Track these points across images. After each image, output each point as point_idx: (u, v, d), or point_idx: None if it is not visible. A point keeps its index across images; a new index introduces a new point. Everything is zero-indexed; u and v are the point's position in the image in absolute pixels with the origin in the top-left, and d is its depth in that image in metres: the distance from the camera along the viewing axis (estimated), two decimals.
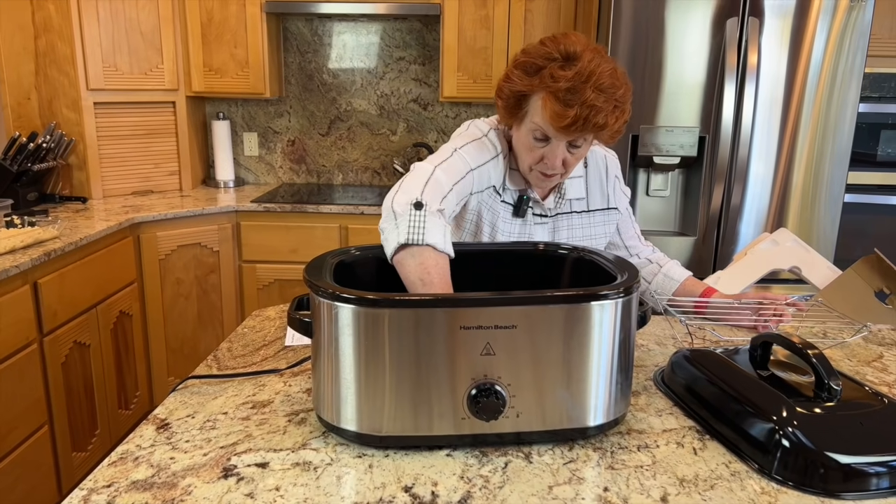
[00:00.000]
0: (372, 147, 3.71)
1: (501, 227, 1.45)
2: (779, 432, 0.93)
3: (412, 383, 0.95)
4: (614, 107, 1.26)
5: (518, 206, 1.45)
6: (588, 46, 1.28)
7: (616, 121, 1.28)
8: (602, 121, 1.25)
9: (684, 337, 1.44)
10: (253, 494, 0.88)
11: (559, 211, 1.49)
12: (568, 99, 1.23)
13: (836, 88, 2.61)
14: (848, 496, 0.89)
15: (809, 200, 2.71)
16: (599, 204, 1.54)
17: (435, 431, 0.97)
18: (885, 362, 1.34)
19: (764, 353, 1.13)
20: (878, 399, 1.01)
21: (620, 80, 1.28)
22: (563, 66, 1.24)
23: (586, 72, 1.23)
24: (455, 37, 3.22)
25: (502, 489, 0.90)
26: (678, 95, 2.64)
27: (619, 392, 1.02)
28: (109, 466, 0.94)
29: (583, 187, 1.51)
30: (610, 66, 1.27)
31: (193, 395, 1.16)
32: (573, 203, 1.50)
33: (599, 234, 1.54)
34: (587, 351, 0.97)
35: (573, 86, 1.23)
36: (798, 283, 2.48)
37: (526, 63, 1.29)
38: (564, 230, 1.50)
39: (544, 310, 0.95)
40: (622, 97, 1.28)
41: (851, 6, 2.53)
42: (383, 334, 0.94)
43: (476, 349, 0.95)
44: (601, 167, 1.53)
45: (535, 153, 1.34)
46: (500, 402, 0.96)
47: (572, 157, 1.34)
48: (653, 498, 0.88)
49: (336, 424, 0.99)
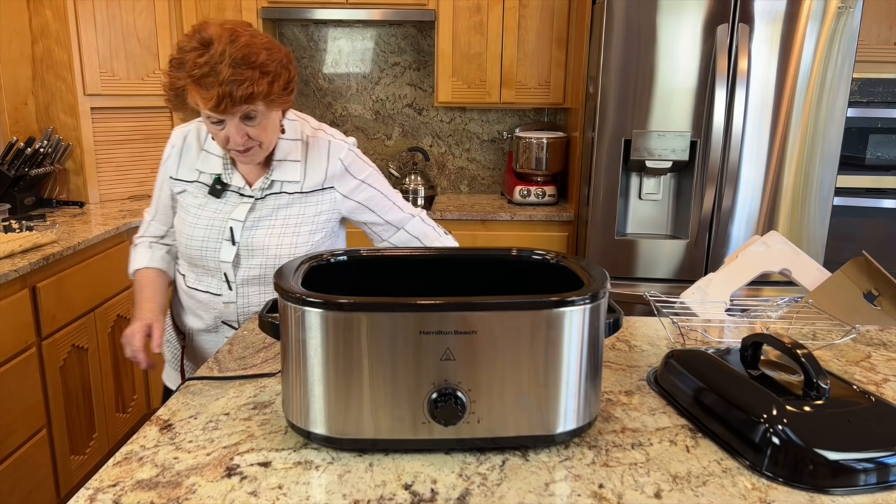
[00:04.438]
0: (367, 151, 3.73)
1: (200, 206, 1.54)
2: (769, 430, 0.96)
3: (373, 387, 0.95)
4: (260, 75, 1.33)
5: (213, 186, 1.53)
6: (225, 29, 1.34)
7: (271, 86, 1.35)
8: (248, 90, 1.31)
9: (677, 338, 1.47)
10: (256, 493, 0.90)
11: (269, 192, 1.54)
12: (207, 82, 1.31)
13: (825, 93, 2.65)
14: (836, 492, 0.91)
15: (799, 204, 2.74)
16: (315, 185, 1.56)
17: (395, 435, 0.97)
18: (873, 362, 1.37)
19: (754, 354, 1.15)
20: (865, 397, 1.04)
21: (258, 48, 1.34)
22: (201, 54, 1.31)
23: (219, 53, 1.31)
24: (449, 42, 3.24)
25: (500, 486, 0.92)
26: (670, 100, 2.67)
27: (585, 399, 1.01)
28: (115, 466, 0.96)
29: (299, 171, 1.55)
30: (246, 39, 1.33)
31: (195, 397, 1.18)
32: (284, 185, 1.54)
33: (311, 213, 1.56)
34: (549, 358, 0.97)
35: (209, 69, 1.30)
36: (788, 285, 2.52)
37: (174, 60, 1.36)
38: (268, 209, 1.54)
39: (502, 316, 0.94)
40: (266, 62, 1.34)
41: (840, 12, 2.57)
42: (343, 338, 0.94)
43: (436, 354, 0.94)
44: (323, 152, 1.57)
45: (220, 136, 1.41)
46: (458, 408, 0.95)
47: (255, 129, 1.40)
48: (647, 494, 0.90)
49: (303, 427, 1.00)
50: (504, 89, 3.29)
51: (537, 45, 3.24)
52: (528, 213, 3.15)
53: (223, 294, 1.57)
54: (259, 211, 1.54)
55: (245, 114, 1.37)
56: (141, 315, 1.53)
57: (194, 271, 1.59)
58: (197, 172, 1.55)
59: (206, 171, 1.54)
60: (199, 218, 1.53)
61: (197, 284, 1.59)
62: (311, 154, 1.56)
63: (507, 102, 3.32)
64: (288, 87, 1.41)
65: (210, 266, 1.55)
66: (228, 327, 1.61)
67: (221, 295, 1.57)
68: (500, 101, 3.32)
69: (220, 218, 1.53)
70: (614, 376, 1.27)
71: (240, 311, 1.58)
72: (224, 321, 1.60)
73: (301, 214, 1.56)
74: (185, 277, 1.62)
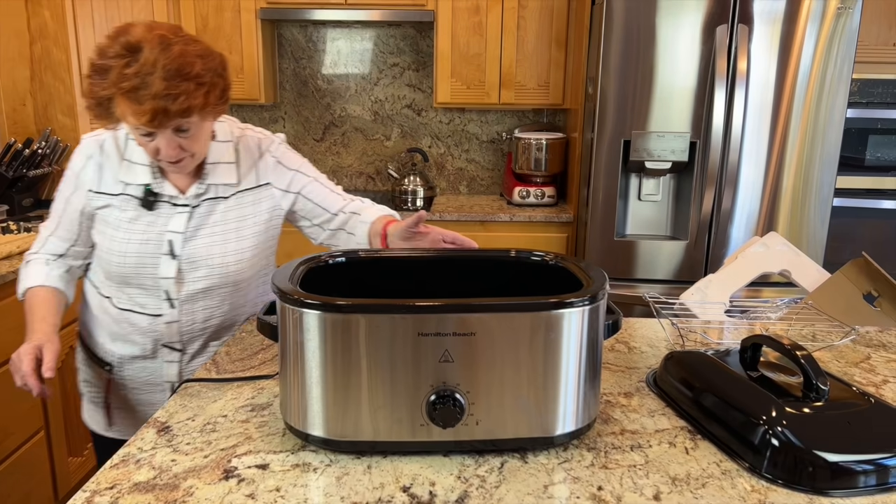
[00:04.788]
0: (366, 152, 3.73)
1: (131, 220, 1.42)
2: (768, 432, 0.96)
3: (372, 389, 0.95)
4: (196, 86, 1.24)
5: (144, 198, 1.41)
6: (153, 32, 1.23)
7: (207, 98, 1.27)
8: (184, 105, 1.22)
9: (676, 339, 1.47)
10: (254, 495, 0.89)
11: (205, 198, 1.44)
12: (139, 96, 1.21)
13: (824, 94, 2.65)
14: (836, 494, 0.91)
15: (799, 204, 2.74)
16: (251, 183, 1.49)
17: (394, 437, 0.97)
18: (873, 363, 1.37)
19: (754, 355, 1.15)
20: (864, 399, 1.04)
21: (192, 58, 1.24)
22: (128, 63, 1.21)
23: (150, 63, 1.20)
24: (448, 43, 3.24)
25: (498, 489, 0.91)
26: (669, 101, 2.67)
27: (584, 401, 1.00)
28: (112, 469, 0.96)
29: (234, 173, 1.46)
30: (179, 48, 1.23)
31: (193, 399, 1.18)
32: (220, 189, 1.45)
33: (252, 214, 1.49)
34: (547, 360, 0.96)
35: (140, 81, 1.20)
36: (788, 286, 2.51)
37: (97, 66, 1.25)
38: (206, 216, 1.44)
39: (501, 317, 0.94)
40: (201, 73, 1.25)
41: (839, 13, 2.57)
42: (341, 340, 0.94)
43: (434, 356, 0.94)
44: (254, 150, 1.50)
45: (150, 147, 1.32)
46: (457, 410, 0.95)
47: (188, 140, 1.32)
48: (646, 496, 0.90)
49: (302, 430, 0.99)
50: (503, 90, 3.29)
51: (536, 46, 3.24)
52: (527, 214, 3.14)
53: (164, 314, 1.45)
54: (197, 219, 1.44)
55: (178, 126, 1.28)
56: (33, 337, 1.38)
57: (126, 292, 1.46)
58: (122, 184, 1.42)
59: (132, 182, 1.41)
60: (132, 233, 1.41)
61: (130, 306, 1.47)
62: (242, 154, 1.49)
63: (507, 103, 3.32)
64: (223, 97, 1.33)
65: (147, 285, 1.43)
66: (170, 350, 1.50)
67: (162, 315, 1.46)
68: (500, 102, 3.32)
69: (155, 231, 1.41)
70: (613, 378, 1.27)
71: (183, 330, 1.48)
72: (165, 344, 1.49)
73: (242, 217, 1.48)
74: (112, 299, 1.49)
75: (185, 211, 1.43)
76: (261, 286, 1.58)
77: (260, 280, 1.57)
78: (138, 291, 1.45)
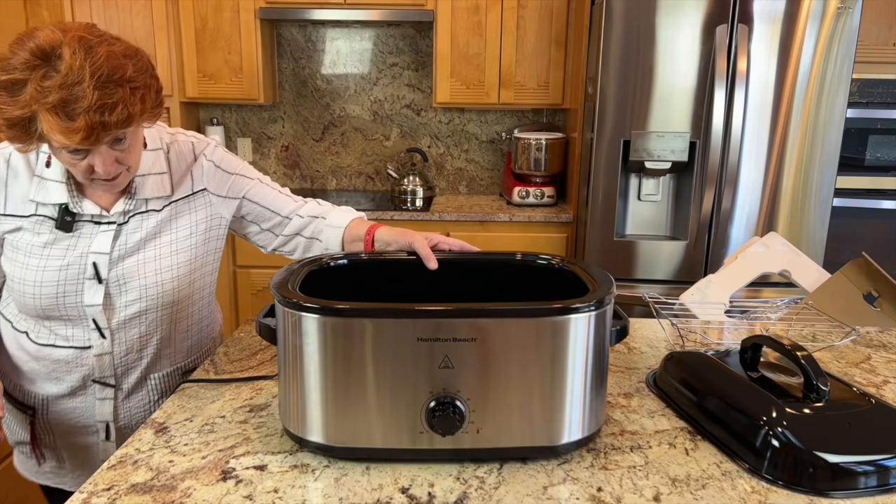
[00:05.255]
0: (366, 152, 3.73)
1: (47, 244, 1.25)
2: (769, 432, 0.95)
3: (370, 395, 0.94)
4: (131, 92, 1.10)
5: (61, 219, 1.24)
6: (68, 33, 1.08)
7: (144, 103, 1.13)
8: (123, 114, 1.08)
9: (676, 339, 1.46)
10: (252, 496, 0.89)
11: (134, 213, 1.28)
12: (70, 111, 1.05)
13: (824, 94, 2.64)
14: (836, 495, 0.91)
15: (799, 205, 2.74)
16: (185, 191, 1.34)
17: (392, 445, 0.96)
18: (873, 364, 1.36)
19: (754, 355, 1.15)
20: (865, 399, 1.03)
21: (121, 58, 1.10)
22: (47, 74, 1.05)
23: (75, 70, 1.05)
24: (448, 43, 3.24)
25: (497, 490, 0.91)
26: (669, 101, 2.67)
27: (590, 409, 0.98)
28: (109, 470, 0.95)
29: (168, 184, 1.31)
30: (104, 50, 1.09)
31: (191, 399, 1.17)
32: (151, 202, 1.30)
33: (187, 224, 1.34)
34: (551, 367, 0.94)
35: (67, 93, 1.05)
36: (788, 287, 2.51)
37: (7, 81, 1.07)
38: (135, 232, 1.28)
39: (502, 323, 0.92)
40: (135, 76, 1.11)
41: (839, 13, 2.57)
42: (339, 344, 0.93)
43: (434, 362, 0.92)
44: (188, 155, 1.36)
45: (81, 167, 1.15)
46: (457, 417, 0.93)
47: (124, 153, 1.17)
48: (646, 497, 0.90)
49: (299, 435, 0.98)
50: (503, 90, 3.29)
51: (536, 46, 3.24)
52: (526, 215, 3.14)
53: (94, 345, 1.29)
54: (125, 237, 1.27)
55: (115, 137, 1.12)
56: None
57: (45, 325, 1.29)
58: (33, 205, 1.24)
59: (45, 201, 1.24)
60: (48, 259, 1.24)
61: (51, 340, 1.30)
62: (175, 162, 1.34)
63: (506, 103, 3.32)
64: (158, 99, 1.19)
65: (70, 315, 1.26)
66: (102, 386, 1.32)
67: (91, 347, 1.29)
68: (499, 102, 3.31)
69: (76, 255, 1.24)
70: (613, 378, 1.27)
71: (117, 362, 1.31)
72: (96, 379, 1.32)
73: (176, 229, 1.32)
74: (30, 334, 1.31)
75: (109, 229, 1.26)
76: (204, 307, 1.44)
77: (203, 300, 1.42)
78: (60, 324, 1.28)
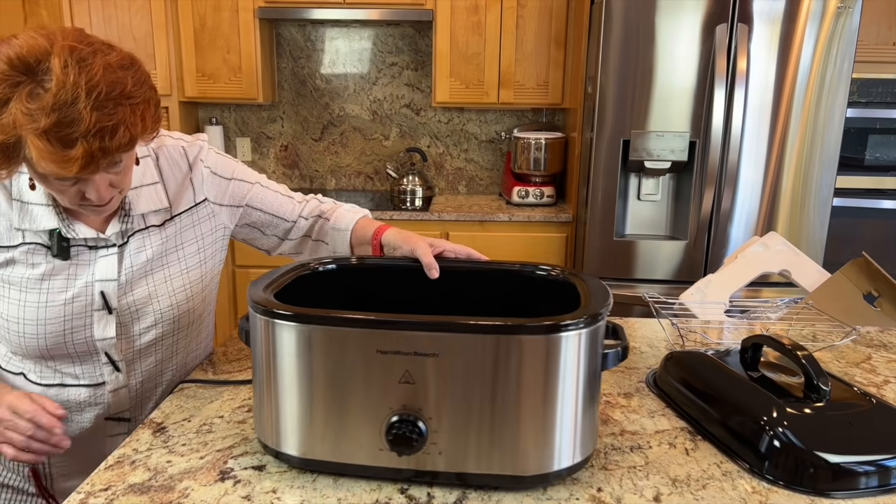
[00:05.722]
0: (365, 152, 3.72)
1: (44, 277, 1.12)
2: (769, 432, 0.95)
3: (331, 407, 0.89)
4: (132, 109, 0.96)
5: (59, 245, 1.11)
6: (57, 42, 0.92)
7: (145, 121, 0.99)
8: (126, 137, 0.95)
9: (676, 339, 1.46)
10: (250, 497, 0.88)
11: (133, 231, 1.16)
12: (63, 136, 0.90)
13: (824, 93, 2.64)
14: (837, 495, 0.90)
15: (799, 204, 2.74)
16: (187, 203, 1.23)
17: (355, 461, 0.90)
18: (874, 364, 1.36)
19: (754, 355, 1.14)
20: (866, 399, 1.03)
21: (118, 70, 0.96)
22: (33, 92, 0.89)
23: (69, 88, 0.90)
24: (447, 42, 3.23)
25: (497, 491, 0.90)
26: (669, 101, 2.66)
27: (570, 439, 0.89)
28: (106, 470, 0.95)
29: (163, 195, 1.19)
30: (100, 61, 0.93)
31: (189, 399, 1.17)
32: (149, 217, 1.18)
33: (192, 238, 1.23)
34: (522, 389, 0.85)
35: (62, 117, 0.89)
36: (788, 287, 2.51)
37: None
38: (140, 252, 1.17)
39: (465, 339, 0.84)
40: (134, 90, 0.97)
41: (839, 12, 2.57)
42: (295, 351, 0.89)
43: (394, 376, 0.86)
44: (181, 162, 1.23)
45: (71, 192, 1.01)
46: (414, 437, 0.86)
47: (119, 175, 1.04)
48: (646, 498, 0.89)
49: (261, 439, 0.96)
50: (502, 89, 3.28)
51: (535, 46, 3.24)
52: (526, 214, 3.14)
53: (108, 381, 1.19)
54: (130, 259, 1.16)
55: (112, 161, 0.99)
56: None
57: (49, 365, 1.17)
58: (20, 233, 1.10)
59: (34, 228, 1.10)
60: (49, 293, 1.11)
61: (58, 379, 1.18)
62: (167, 169, 1.21)
63: (506, 103, 3.31)
64: (157, 113, 1.03)
65: (80, 351, 1.15)
66: (116, 422, 1.22)
67: (105, 383, 1.19)
68: (499, 102, 3.31)
69: (81, 285, 1.12)
70: (613, 378, 1.26)
71: (134, 394, 1.22)
72: (110, 416, 1.21)
73: (182, 245, 1.22)
74: (29, 374, 1.18)
75: (111, 253, 1.14)
76: (211, 322, 1.37)
77: (211, 314, 1.35)
78: (66, 362, 1.16)
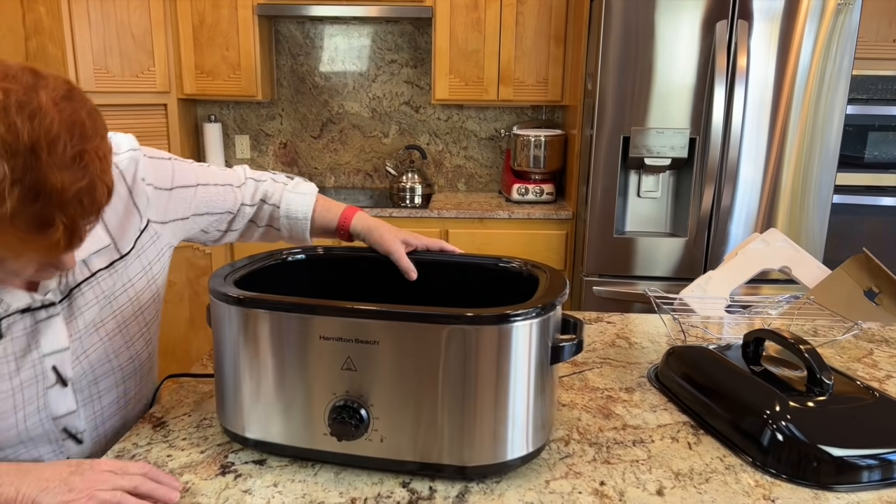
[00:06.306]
0: (364, 149, 3.72)
1: None
2: (772, 426, 0.95)
3: (279, 390, 0.91)
4: (99, 159, 0.80)
5: None
6: None
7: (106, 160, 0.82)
8: (102, 196, 0.81)
9: (677, 334, 1.46)
10: (251, 491, 0.88)
11: (78, 281, 0.98)
12: (39, 216, 0.75)
13: (824, 90, 2.64)
14: (840, 488, 0.90)
15: (798, 201, 2.73)
16: (135, 232, 1.06)
17: (302, 444, 0.92)
18: (875, 359, 1.36)
19: (756, 349, 1.14)
20: (869, 393, 1.03)
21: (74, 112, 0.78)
22: None
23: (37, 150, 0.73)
24: (447, 39, 3.23)
25: (500, 484, 0.90)
26: (668, 98, 2.66)
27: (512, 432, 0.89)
28: None
29: (101, 232, 1.01)
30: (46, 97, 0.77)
31: (189, 394, 1.16)
32: (91, 261, 1.00)
33: (139, 272, 1.07)
34: (463, 379, 0.86)
35: (31, 190, 0.73)
36: (788, 283, 2.50)
37: None
38: (88, 306, 1.00)
39: (405, 327, 0.85)
40: (101, 145, 0.81)
41: (839, 9, 2.56)
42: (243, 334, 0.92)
43: (337, 362, 0.88)
44: (118, 187, 1.02)
45: (31, 268, 0.85)
46: (353, 423, 0.87)
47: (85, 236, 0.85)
48: (649, 491, 0.89)
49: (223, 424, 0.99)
50: (502, 87, 3.28)
51: (535, 42, 3.23)
52: (526, 212, 3.13)
53: (71, 454, 1.04)
54: (78, 319, 0.98)
55: None
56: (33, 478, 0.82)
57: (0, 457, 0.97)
58: None
59: None
60: None
61: None
62: None
63: (505, 100, 3.31)
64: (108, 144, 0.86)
65: (34, 435, 0.97)
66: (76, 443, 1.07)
67: (68, 456, 1.03)
68: (498, 99, 3.30)
69: (28, 365, 0.94)
70: (615, 373, 1.26)
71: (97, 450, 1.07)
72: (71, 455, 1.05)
73: (131, 283, 1.06)
74: None
75: (54, 314, 0.95)
76: None
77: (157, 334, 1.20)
78: (20, 448, 0.98)
